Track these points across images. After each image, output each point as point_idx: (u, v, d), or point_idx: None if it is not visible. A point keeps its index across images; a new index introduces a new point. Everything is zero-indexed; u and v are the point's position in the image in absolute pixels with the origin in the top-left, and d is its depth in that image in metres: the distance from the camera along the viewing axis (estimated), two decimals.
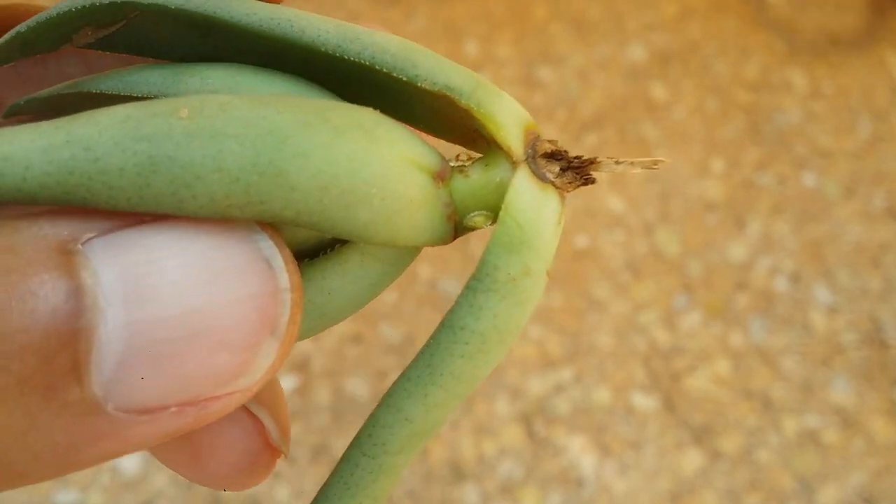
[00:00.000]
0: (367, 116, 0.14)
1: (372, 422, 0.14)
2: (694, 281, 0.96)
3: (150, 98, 0.15)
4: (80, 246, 0.12)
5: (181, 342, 0.12)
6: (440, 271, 0.95)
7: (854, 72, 1.15)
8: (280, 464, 0.81)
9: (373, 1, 1.20)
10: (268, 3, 0.15)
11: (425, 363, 0.14)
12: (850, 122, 1.10)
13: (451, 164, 0.15)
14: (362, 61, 0.14)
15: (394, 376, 0.87)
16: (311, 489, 0.80)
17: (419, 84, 0.14)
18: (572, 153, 0.15)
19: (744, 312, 0.94)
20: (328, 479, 0.15)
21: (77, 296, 0.12)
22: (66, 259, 0.12)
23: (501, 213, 0.14)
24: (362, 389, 0.86)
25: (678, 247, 0.99)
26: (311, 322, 0.15)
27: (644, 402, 0.88)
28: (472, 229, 0.15)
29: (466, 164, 0.15)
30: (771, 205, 1.02)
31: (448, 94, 0.14)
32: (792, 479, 0.83)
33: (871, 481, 0.83)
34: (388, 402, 0.14)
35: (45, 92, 0.16)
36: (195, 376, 0.13)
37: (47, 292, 0.12)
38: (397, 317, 0.91)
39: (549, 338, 0.91)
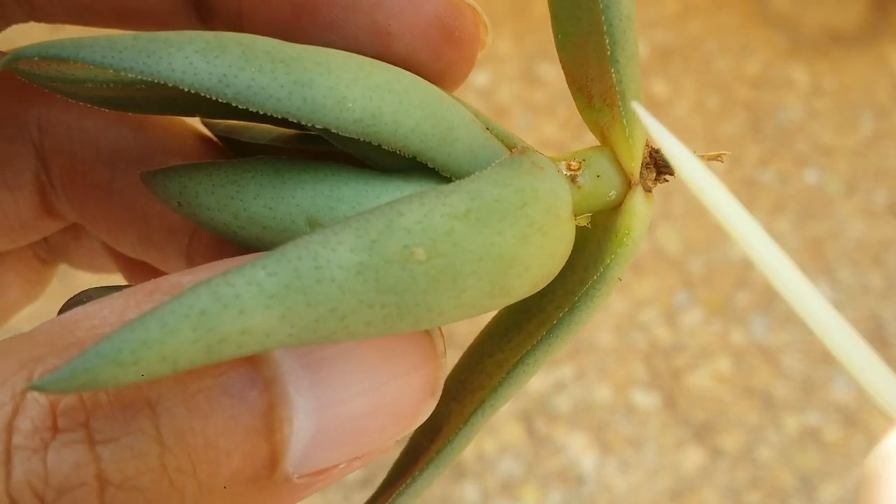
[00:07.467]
0: (545, 186, 0.14)
1: (493, 396, 0.17)
2: (695, 278, 0.96)
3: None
4: None
5: (362, 419, 0.14)
6: None
7: (856, 68, 1.15)
8: None
9: None
10: None
11: (544, 350, 0.16)
12: (852, 119, 1.10)
13: (563, 171, 0.16)
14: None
15: None
16: None
17: (617, 68, 0.15)
18: (652, 145, 0.16)
19: (745, 310, 0.94)
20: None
21: (268, 388, 0.12)
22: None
23: (625, 238, 0.16)
24: None
25: (679, 244, 0.98)
26: None
27: (645, 399, 0.88)
28: None
29: (577, 173, 0.16)
30: (772, 202, 1.02)
31: (619, 89, 0.15)
32: (793, 477, 0.83)
33: None
34: (509, 380, 0.17)
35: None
36: (369, 441, 0.14)
37: (240, 390, 0.12)
38: None
39: None
